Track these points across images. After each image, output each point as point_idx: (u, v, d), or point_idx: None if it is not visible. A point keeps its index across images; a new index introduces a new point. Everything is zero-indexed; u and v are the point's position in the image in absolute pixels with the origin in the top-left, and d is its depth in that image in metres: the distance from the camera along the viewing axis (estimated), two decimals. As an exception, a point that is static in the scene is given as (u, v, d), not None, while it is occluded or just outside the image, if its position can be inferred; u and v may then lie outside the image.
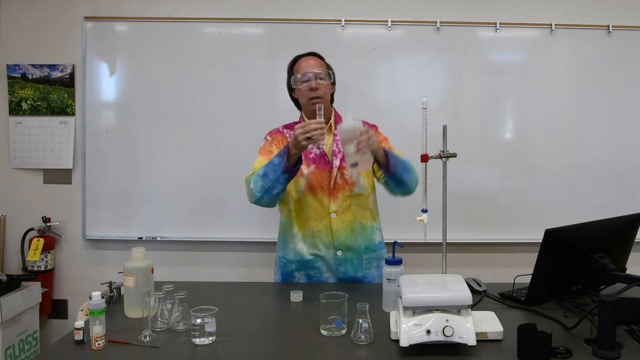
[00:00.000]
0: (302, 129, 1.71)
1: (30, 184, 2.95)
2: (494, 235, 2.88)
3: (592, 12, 2.85)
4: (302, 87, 1.96)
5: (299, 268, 1.99)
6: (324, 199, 1.96)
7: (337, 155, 1.98)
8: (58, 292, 2.97)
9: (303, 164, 1.94)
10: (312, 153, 1.98)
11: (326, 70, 2.00)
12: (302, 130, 1.71)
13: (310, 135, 1.70)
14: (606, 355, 1.29)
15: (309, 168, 1.96)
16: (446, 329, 1.30)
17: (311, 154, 1.98)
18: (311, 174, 1.96)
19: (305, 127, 1.70)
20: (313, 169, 1.96)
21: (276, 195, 1.85)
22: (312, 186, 1.96)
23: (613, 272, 1.63)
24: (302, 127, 1.71)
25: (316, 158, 1.98)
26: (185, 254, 2.92)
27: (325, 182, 1.96)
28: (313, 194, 1.96)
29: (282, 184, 1.81)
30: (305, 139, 1.70)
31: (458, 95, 2.86)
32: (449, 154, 1.81)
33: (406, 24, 2.84)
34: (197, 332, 1.40)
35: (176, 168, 2.86)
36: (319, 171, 1.96)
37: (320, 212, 1.96)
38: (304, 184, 1.96)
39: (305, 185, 1.96)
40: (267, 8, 2.84)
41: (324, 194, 1.96)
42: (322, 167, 1.97)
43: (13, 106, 2.91)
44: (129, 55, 2.86)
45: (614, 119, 2.86)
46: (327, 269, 1.98)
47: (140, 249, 1.65)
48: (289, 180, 1.82)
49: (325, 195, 1.96)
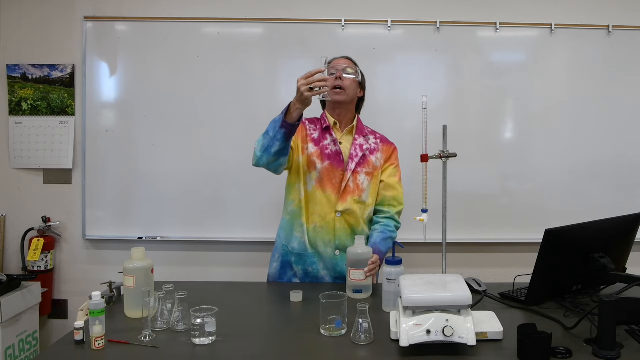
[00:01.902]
0: (304, 79, 1.66)
1: (30, 184, 2.95)
2: (494, 235, 2.89)
3: (592, 12, 2.85)
4: (329, 72, 1.97)
5: (298, 262, 1.99)
6: (333, 197, 1.96)
7: (354, 159, 1.99)
8: (58, 292, 2.97)
9: (318, 159, 1.96)
10: (328, 149, 1.98)
11: (355, 68, 2.02)
12: (304, 81, 1.66)
13: (313, 86, 1.65)
14: (606, 355, 1.29)
15: (323, 163, 1.97)
16: (446, 329, 1.30)
17: (327, 149, 1.98)
18: (324, 170, 1.96)
19: (308, 78, 1.66)
20: (327, 164, 1.97)
21: (275, 155, 1.80)
22: (323, 182, 1.96)
23: (613, 272, 1.63)
24: (304, 77, 1.67)
25: (331, 155, 1.98)
26: (185, 254, 2.92)
27: (336, 181, 1.97)
28: (323, 190, 1.96)
29: (280, 140, 1.77)
30: (308, 89, 1.65)
31: (458, 95, 2.86)
32: (449, 154, 1.81)
33: (406, 24, 2.84)
34: (197, 332, 1.40)
35: (176, 168, 2.86)
36: (332, 168, 1.97)
37: (326, 209, 1.96)
38: (316, 177, 1.97)
39: (316, 179, 1.97)
40: (267, 8, 2.84)
41: (333, 192, 1.97)
42: (336, 165, 1.97)
43: (13, 106, 2.91)
44: (129, 55, 2.86)
45: (613, 119, 2.86)
46: (324, 267, 1.99)
47: (140, 249, 1.65)
48: (287, 137, 1.77)
49: (335, 194, 1.96)
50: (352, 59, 2.07)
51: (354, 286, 1.76)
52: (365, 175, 2.00)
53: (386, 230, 1.98)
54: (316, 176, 1.97)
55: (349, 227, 1.98)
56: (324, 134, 2.01)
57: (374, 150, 2.05)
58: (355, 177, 1.98)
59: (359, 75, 2.03)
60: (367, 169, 2.01)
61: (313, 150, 1.98)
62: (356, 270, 1.75)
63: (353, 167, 1.98)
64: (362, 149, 2.02)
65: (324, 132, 2.02)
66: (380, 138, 2.10)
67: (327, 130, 2.02)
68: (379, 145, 2.07)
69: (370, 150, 2.04)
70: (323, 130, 2.02)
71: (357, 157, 1.99)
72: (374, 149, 2.05)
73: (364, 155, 2.01)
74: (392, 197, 2.04)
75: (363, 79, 2.07)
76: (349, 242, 1.96)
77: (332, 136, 2.01)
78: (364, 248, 1.78)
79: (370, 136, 2.08)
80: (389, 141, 2.11)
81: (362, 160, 2.00)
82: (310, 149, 1.99)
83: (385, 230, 1.98)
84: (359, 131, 2.05)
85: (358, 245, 1.79)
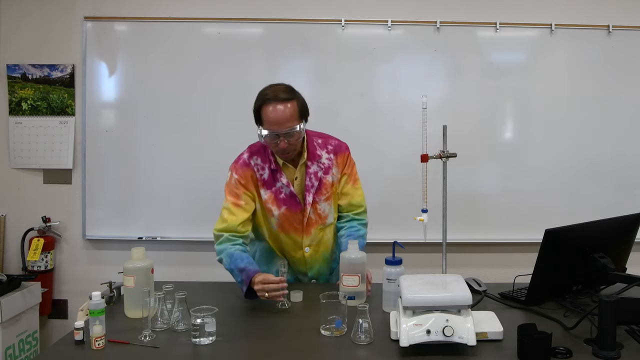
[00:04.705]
0: (261, 285, 1.61)
1: (30, 184, 2.95)
2: (494, 235, 2.88)
3: (592, 12, 2.85)
4: (269, 142, 1.78)
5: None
6: (297, 237, 1.92)
7: (310, 191, 1.87)
8: (58, 292, 2.97)
9: (273, 205, 1.87)
10: (282, 193, 1.87)
11: (298, 122, 1.77)
12: (261, 287, 1.61)
13: (268, 296, 1.60)
14: (606, 355, 1.29)
15: (280, 210, 1.87)
16: (446, 329, 1.30)
17: (281, 194, 1.87)
18: (282, 215, 1.88)
19: (265, 287, 1.61)
20: (284, 210, 1.87)
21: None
22: (284, 226, 1.90)
23: (613, 272, 1.63)
24: (262, 283, 1.62)
25: (286, 199, 1.87)
26: (185, 254, 2.92)
27: (297, 222, 1.89)
28: (285, 233, 1.91)
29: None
30: (263, 295, 1.61)
31: (458, 95, 2.86)
32: (449, 154, 1.81)
33: (406, 24, 2.84)
34: (197, 332, 1.40)
35: (176, 168, 2.86)
36: (290, 213, 1.88)
37: (293, 247, 1.93)
38: (275, 223, 1.90)
39: (277, 224, 1.90)
40: (266, 8, 2.84)
41: (296, 232, 1.91)
42: (294, 208, 1.88)
43: (13, 106, 2.91)
44: (129, 55, 2.86)
45: (613, 119, 2.86)
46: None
47: (140, 249, 1.65)
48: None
49: (298, 234, 1.91)
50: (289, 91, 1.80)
51: (346, 293, 1.64)
52: (325, 201, 1.91)
53: (352, 233, 1.91)
54: (275, 222, 1.89)
55: (320, 256, 1.96)
56: (274, 175, 1.87)
57: (329, 169, 1.91)
58: (315, 208, 1.90)
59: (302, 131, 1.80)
60: (325, 195, 1.91)
61: (267, 197, 1.87)
62: (349, 277, 1.68)
63: (311, 199, 1.88)
64: (317, 176, 1.89)
65: (274, 172, 1.87)
66: (333, 149, 1.93)
67: (277, 170, 1.88)
68: (332, 160, 1.92)
69: (324, 170, 1.90)
70: (272, 171, 1.88)
71: (313, 187, 1.88)
72: (328, 166, 1.91)
73: (319, 182, 1.89)
74: (348, 204, 1.96)
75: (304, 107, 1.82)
76: (323, 269, 1.98)
77: (282, 177, 1.87)
78: (357, 253, 1.70)
79: (322, 152, 1.91)
80: (341, 146, 1.95)
81: (319, 187, 1.89)
82: (263, 195, 1.87)
83: (351, 233, 1.90)
84: (310, 158, 1.89)
85: (351, 250, 1.71)
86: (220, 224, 1.85)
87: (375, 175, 2.80)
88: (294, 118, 1.76)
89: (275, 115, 1.74)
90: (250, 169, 1.88)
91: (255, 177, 1.88)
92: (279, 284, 1.61)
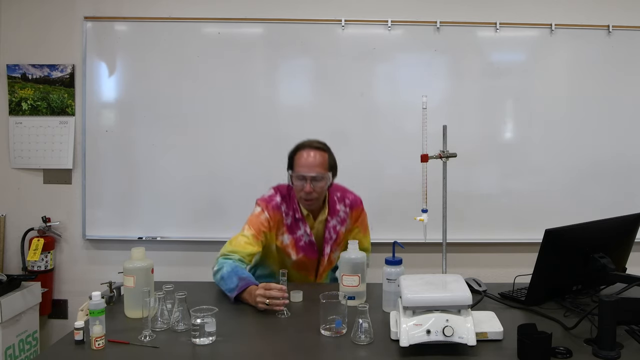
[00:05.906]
0: (263, 291, 1.62)
1: (30, 184, 2.95)
2: (494, 235, 2.88)
3: (592, 12, 2.85)
4: (297, 183, 1.92)
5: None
6: (309, 277, 2.06)
7: (329, 242, 2.01)
8: (58, 292, 2.97)
9: (292, 250, 1.97)
10: (302, 240, 1.99)
11: (326, 171, 1.92)
12: (262, 293, 1.62)
13: (268, 303, 1.61)
14: (606, 355, 1.29)
15: (298, 255, 1.99)
16: (446, 329, 1.30)
17: (301, 241, 1.99)
18: (298, 260, 2.00)
19: (267, 293, 1.61)
20: (301, 256, 1.99)
21: None
22: (299, 267, 2.02)
23: (613, 272, 1.63)
24: (264, 289, 1.62)
25: (305, 247, 1.99)
26: (185, 254, 2.92)
27: (312, 267, 2.04)
28: (298, 271, 2.03)
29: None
30: (263, 303, 1.61)
31: (458, 95, 2.86)
32: (449, 154, 1.81)
33: (406, 24, 2.84)
34: (197, 332, 1.40)
35: (176, 168, 2.86)
36: (306, 259, 2.01)
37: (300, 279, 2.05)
38: (291, 264, 2.00)
39: (292, 265, 2.00)
40: (267, 8, 2.84)
41: (308, 274, 2.04)
42: (310, 255, 2.01)
43: (13, 106, 2.91)
44: (129, 55, 2.86)
45: (613, 119, 2.86)
46: None
47: (140, 249, 1.65)
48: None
49: (311, 275, 2.06)
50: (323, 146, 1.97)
51: (346, 293, 1.64)
52: (338, 250, 2.06)
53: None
54: (290, 263, 2.00)
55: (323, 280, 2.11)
56: (297, 223, 1.99)
57: (344, 220, 2.07)
58: (330, 256, 2.05)
59: (328, 180, 1.94)
60: (340, 245, 2.06)
61: (288, 242, 1.98)
62: (349, 277, 1.70)
63: (329, 250, 2.03)
64: (336, 230, 2.04)
65: (297, 220, 1.99)
66: (350, 203, 2.08)
67: (301, 219, 1.99)
68: (347, 213, 2.07)
69: (340, 221, 2.05)
70: (295, 220, 1.99)
71: (331, 239, 2.02)
72: (343, 218, 2.06)
73: (337, 235, 2.05)
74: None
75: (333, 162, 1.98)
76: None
77: (306, 226, 1.99)
78: (357, 253, 1.72)
79: (340, 205, 2.06)
80: (356, 201, 2.10)
81: (336, 239, 2.05)
82: (285, 240, 1.98)
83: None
84: (331, 213, 2.03)
85: (351, 250, 1.73)
86: (234, 247, 1.88)
87: (375, 176, 2.81)
88: (323, 166, 1.92)
89: (307, 159, 1.91)
90: (280, 213, 1.97)
91: (282, 222, 1.97)
92: (280, 292, 1.62)
